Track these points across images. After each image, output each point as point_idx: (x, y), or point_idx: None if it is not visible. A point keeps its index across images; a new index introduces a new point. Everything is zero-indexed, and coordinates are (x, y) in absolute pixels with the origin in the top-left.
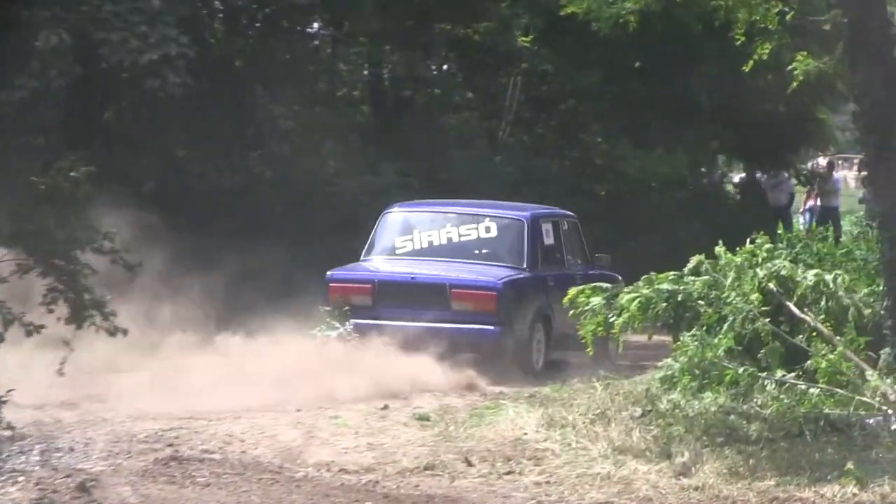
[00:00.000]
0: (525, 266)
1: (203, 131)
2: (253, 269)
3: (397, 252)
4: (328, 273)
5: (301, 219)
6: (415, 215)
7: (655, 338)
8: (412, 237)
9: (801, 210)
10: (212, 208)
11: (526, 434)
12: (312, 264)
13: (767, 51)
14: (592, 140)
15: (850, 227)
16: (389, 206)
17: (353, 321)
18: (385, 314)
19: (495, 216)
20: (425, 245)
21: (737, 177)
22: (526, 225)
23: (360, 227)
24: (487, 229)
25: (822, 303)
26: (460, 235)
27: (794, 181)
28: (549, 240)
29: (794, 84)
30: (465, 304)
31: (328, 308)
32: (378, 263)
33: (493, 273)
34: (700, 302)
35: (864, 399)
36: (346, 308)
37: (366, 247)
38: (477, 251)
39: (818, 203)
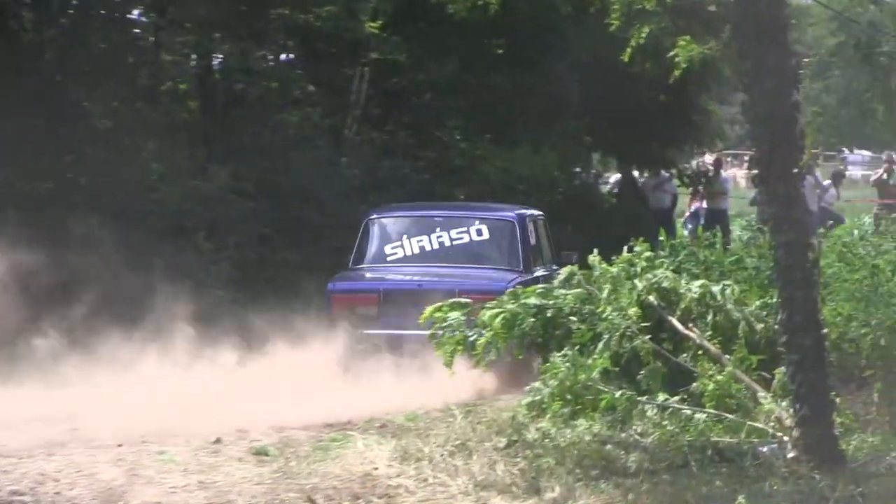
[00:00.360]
0: (521, 268)
1: (8, 132)
2: (66, 286)
3: (389, 259)
4: (330, 284)
5: (121, 229)
6: (400, 220)
7: None
8: (401, 243)
9: (686, 213)
10: (19, 218)
11: (377, 469)
12: (132, 279)
13: (645, 35)
14: (450, 138)
15: (741, 231)
16: (370, 212)
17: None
18: (391, 323)
19: (484, 218)
20: (417, 251)
21: (613, 177)
22: (516, 225)
23: (187, 236)
24: (479, 232)
25: (709, 317)
26: (452, 239)
27: (677, 181)
28: (533, 239)
29: (677, 72)
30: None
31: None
32: (374, 272)
33: (499, 277)
34: (572, 318)
35: (757, 425)
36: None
37: (353, 255)
38: (471, 254)
39: (704, 205)
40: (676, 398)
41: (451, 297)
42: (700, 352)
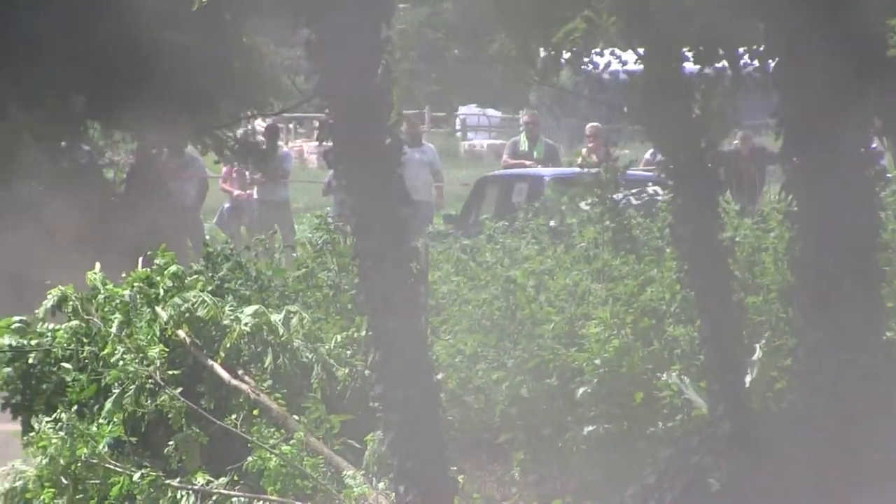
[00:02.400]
0: None
1: None
2: None
3: None
4: None
5: None
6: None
7: None
8: None
9: (225, 206)
10: None
11: None
12: None
13: None
14: None
15: (312, 232)
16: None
17: None
18: None
19: None
20: None
21: (122, 155)
22: None
23: None
24: None
25: (269, 360)
26: None
27: (210, 157)
28: None
29: None
30: None
31: None
32: None
33: None
34: (66, 365)
35: None
36: None
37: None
38: None
39: (255, 195)
40: (223, 480)
41: None
42: (256, 411)
